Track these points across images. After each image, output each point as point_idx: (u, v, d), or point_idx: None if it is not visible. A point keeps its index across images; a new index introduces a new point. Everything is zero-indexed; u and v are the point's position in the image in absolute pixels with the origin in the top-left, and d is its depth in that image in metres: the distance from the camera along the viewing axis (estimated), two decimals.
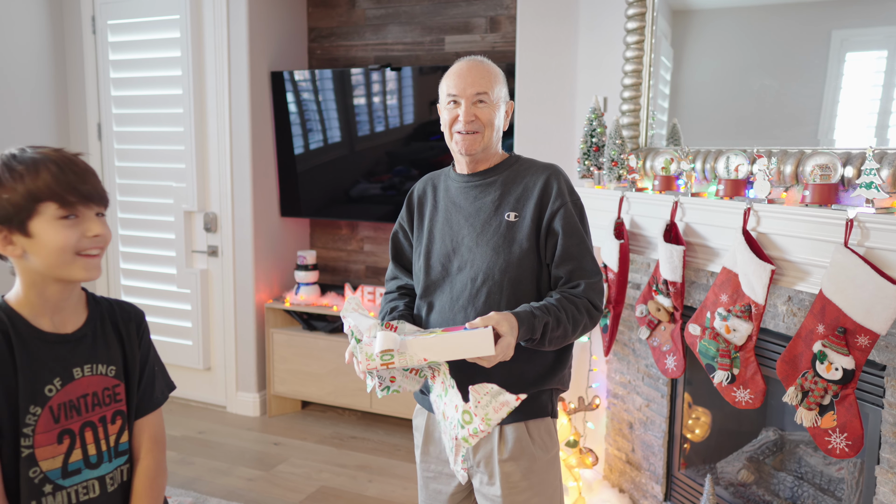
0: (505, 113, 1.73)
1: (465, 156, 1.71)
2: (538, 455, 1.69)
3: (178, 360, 4.07)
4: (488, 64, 1.70)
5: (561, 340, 1.61)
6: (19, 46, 3.82)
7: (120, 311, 1.38)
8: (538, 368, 1.68)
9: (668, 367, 2.42)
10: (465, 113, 1.65)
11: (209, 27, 3.73)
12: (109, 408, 1.32)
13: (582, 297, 1.63)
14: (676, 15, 2.70)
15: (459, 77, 1.66)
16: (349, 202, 3.86)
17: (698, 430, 2.79)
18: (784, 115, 2.31)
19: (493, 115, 1.68)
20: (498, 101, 1.69)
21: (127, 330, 1.37)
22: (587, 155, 2.74)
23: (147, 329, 1.42)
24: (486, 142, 1.69)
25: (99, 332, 1.33)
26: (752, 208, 2.02)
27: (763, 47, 2.39)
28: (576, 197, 1.70)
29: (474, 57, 1.71)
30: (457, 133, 1.68)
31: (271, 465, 3.38)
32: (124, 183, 4.06)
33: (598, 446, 3.04)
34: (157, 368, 1.44)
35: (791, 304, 2.04)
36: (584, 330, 1.64)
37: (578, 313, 1.61)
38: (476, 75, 1.66)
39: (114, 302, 1.39)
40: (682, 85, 2.67)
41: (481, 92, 1.65)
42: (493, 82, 1.67)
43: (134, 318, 1.39)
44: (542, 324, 1.54)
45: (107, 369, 1.32)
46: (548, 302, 1.60)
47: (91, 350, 1.31)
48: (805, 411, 1.84)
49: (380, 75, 3.63)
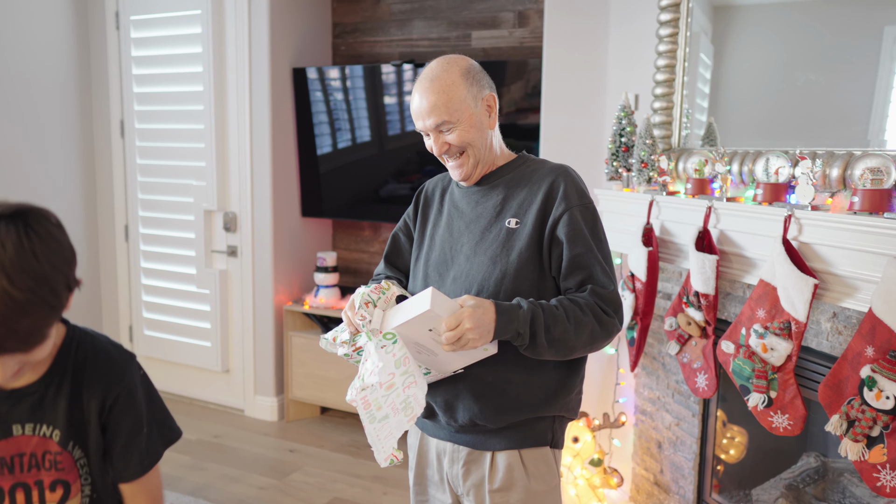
0: (487, 109, 1.54)
1: (463, 181, 1.58)
2: (533, 487, 1.53)
3: (196, 362, 4.01)
4: (440, 77, 1.49)
5: (563, 346, 1.41)
6: (45, 43, 3.80)
7: (90, 371, 1.22)
8: (537, 392, 1.51)
9: (698, 385, 2.24)
10: (437, 145, 1.52)
11: (230, 22, 3.65)
12: (49, 474, 1.19)
13: (587, 299, 1.44)
14: (717, 10, 2.53)
15: (414, 111, 1.52)
16: (377, 202, 3.74)
17: (733, 450, 2.61)
18: (831, 113, 2.11)
19: (468, 131, 1.51)
20: (463, 115, 1.50)
21: (89, 395, 1.22)
22: (615, 156, 2.57)
23: (127, 394, 1.25)
24: (477, 157, 1.54)
25: (52, 391, 1.19)
26: (794, 215, 1.84)
27: (808, 42, 2.20)
28: (586, 201, 1.52)
29: (426, 73, 1.52)
30: (442, 159, 1.57)
31: (285, 473, 3.28)
32: (145, 181, 4.00)
33: (625, 466, 2.86)
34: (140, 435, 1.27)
35: (836, 321, 1.85)
36: (593, 336, 1.43)
37: (583, 315, 1.41)
38: (428, 105, 1.48)
39: (91, 357, 1.23)
40: (723, 82, 2.49)
41: (439, 122, 1.49)
42: (448, 102, 1.48)
43: (104, 384, 1.23)
44: (528, 316, 1.37)
45: (51, 432, 1.19)
46: (546, 301, 1.44)
47: (36, 409, 1.18)
48: (850, 443, 1.65)
49: (411, 72, 3.50)
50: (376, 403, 1.39)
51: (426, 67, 1.53)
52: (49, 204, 4.00)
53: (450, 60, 1.52)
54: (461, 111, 1.49)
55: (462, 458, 1.57)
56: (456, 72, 1.50)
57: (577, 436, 2.75)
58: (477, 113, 1.52)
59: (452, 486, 1.62)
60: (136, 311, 4.18)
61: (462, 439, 1.56)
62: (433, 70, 1.51)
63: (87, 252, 4.16)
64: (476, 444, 1.55)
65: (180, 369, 4.13)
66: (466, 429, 1.54)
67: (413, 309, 1.37)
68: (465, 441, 1.56)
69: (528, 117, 3.28)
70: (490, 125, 1.55)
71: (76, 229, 4.07)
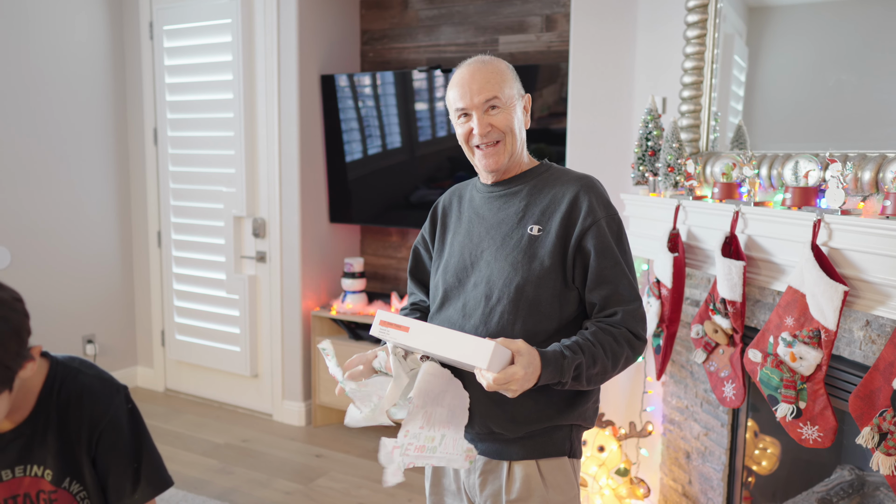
0: (524, 109, 1.56)
1: (490, 172, 1.55)
2: (551, 497, 1.50)
3: (226, 367, 4.05)
4: (492, 62, 1.51)
5: (600, 378, 1.44)
6: (81, 53, 3.89)
7: (75, 409, 1.23)
8: (554, 400, 1.49)
9: (726, 395, 2.19)
10: (480, 125, 1.49)
11: (260, 31, 3.70)
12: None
13: (620, 327, 1.44)
14: (752, 12, 2.48)
15: (463, 86, 1.49)
16: (407, 208, 3.73)
17: (765, 461, 2.53)
18: (863, 114, 2.04)
19: (511, 118, 1.50)
20: (512, 101, 1.51)
21: (76, 434, 1.22)
22: (642, 160, 2.53)
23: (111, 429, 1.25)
24: (511, 149, 1.52)
25: (39, 432, 1.20)
26: (823, 220, 1.78)
27: (840, 42, 2.14)
28: (612, 212, 1.50)
29: (475, 58, 1.54)
30: (476, 148, 1.52)
31: (311, 478, 3.28)
32: (177, 188, 4.07)
33: (653, 476, 2.80)
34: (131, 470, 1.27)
35: (870, 329, 1.78)
36: (626, 363, 1.46)
37: (618, 346, 1.43)
38: (481, 80, 1.48)
39: (74, 398, 1.24)
40: (757, 84, 2.43)
41: (490, 98, 1.47)
42: (501, 82, 1.49)
43: (88, 421, 1.23)
44: (573, 365, 1.36)
45: (42, 472, 1.20)
46: (581, 337, 1.42)
47: (25, 452, 1.19)
48: (883, 456, 1.59)
49: (442, 78, 3.50)
50: (427, 439, 1.40)
51: (467, 61, 1.54)
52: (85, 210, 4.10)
53: (493, 56, 1.55)
54: (510, 96, 1.51)
55: (479, 468, 1.55)
56: (504, 63, 1.54)
57: (602, 445, 2.70)
58: (520, 104, 1.54)
59: (469, 495, 1.60)
60: (168, 316, 4.24)
61: (479, 448, 1.54)
62: (481, 58, 1.53)
63: (122, 258, 4.24)
64: (493, 454, 1.53)
65: (210, 374, 4.18)
66: (483, 437, 1.52)
67: (464, 354, 1.30)
68: (482, 450, 1.54)
69: (562, 122, 3.25)
70: (525, 124, 1.57)
71: (111, 235, 4.16)
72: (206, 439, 3.71)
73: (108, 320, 4.21)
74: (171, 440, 3.66)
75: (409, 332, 1.36)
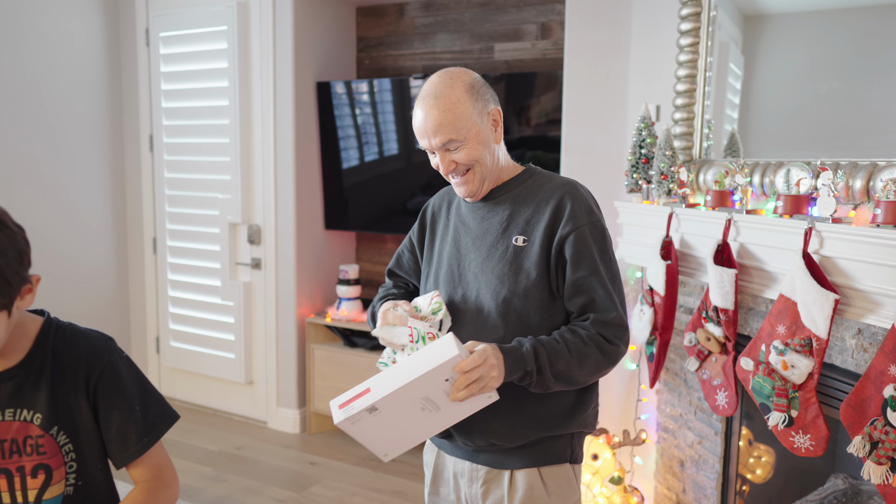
0: (492, 124, 1.50)
1: (468, 197, 1.54)
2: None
3: (220, 374, 4.04)
4: (443, 96, 1.43)
5: (566, 378, 1.40)
6: (77, 60, 3.89)
7: (70, 354, 1.24)
8: (554, 410, 1.48)
9: (718, 403, 2.18)
10: (443, 163, 1.47)
11: (255, 38, 3.70)
12: (31, 459, 1.20)
13: (589, 329, 1.41)
14: (748, 20, 2.48)
15: (418, 129, 1.46)
16: (404, 215, 3.73)
17: (759, 470, 2.53)
18: (855, 123, 2.05)
19: (474, 149, 1.46)
20: (472, 131, 1.45)
21: (72, 377, 1.23)
22: (635, 167, 2.53)
23: (111, 371, 1.26)
24: (483, 174, 1.50)
25: (33, 375, 1.21)
26: (815, 228, 1.78)
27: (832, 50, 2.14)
28: (594, 219, 1.47)
29: (429, 89, 1.45)
30: (447, 176, 1.52)
31: (304, 486, 3.27)
32: (173, 194, 4.06)
33: (647, 484, 2.79)
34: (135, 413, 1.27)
35: (861, 337, 1.78)
36: (597, 367, 1.42)
37: (584, 346, 1.39)
38: (433, 123, 1.43)
39: (71, 340, 1.25)
40: (752, 92, 2.44)
41: (446, 141, 1.44)
42: (454, 120, 1.42)
43: (86, 362, 1.24)
44: (532, 354, 1.35)
45: (32, 416, 1.20)
46: (545, 336, 1.41)
47: (16, 394, 1.20)
48: (874, 465, 1.58)
49: None
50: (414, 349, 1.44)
51: (428, 83, 1.47)
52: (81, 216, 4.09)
53: (452, 75, 1.46)
54: (468, 129, 1.44)
55: (481, 478, 1.54)
56: (460, 88, 1.44)
57: (596, 453, 2.69)
58: (483, 129, 1.47)
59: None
60: (163, 322, 4.23)
61: (481, 458, 1.54)
62: (436, 86, 1.45)
63: (117, 264, 4.23)
64: (495, 463, 1.52)
65: (204, 380, 4.16)
66: (484, 448, 1.52)
67: (436, 356, 1.29)
68: (484, 460, 1.53)
69: (559, 129, 3.25)
70: (496, 139, 1.51)
71: (106, 241, 4.15)
72: (200, 446, 3.69)
73: (103, 326, 4.17)
74: (164, 447, 3.64)
75: (371, 389, 1.31)
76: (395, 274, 1.75)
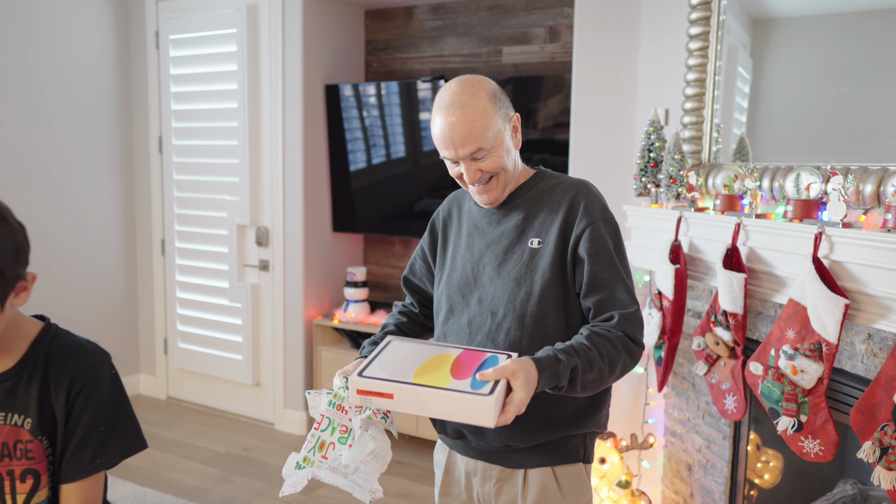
0: (513, 130, 1.51)
1: (488, 205, 1.54)
2: (567, 503, 1.51)
3: (228, 375, 4.05)
4: (470, 105, 1.41)
5: (597, 384, 1.39)
6: (87, 62, 3.92)
7: (61, 361, 1.24)
8: (568, 412, 1.48)
9: (727, 407, 2.17)
10: (469, 172, 1.46)
11: (265, 40, 3.72)
12: (20, 463, 1.21)
13: (616, 331, 1.40)
14: (756, 24, 2.48)
15: (444, 139, 1.44)
16: (411, 217, 3.74)
17: (768, 475, 2.52)
18: (865, 127, 2.04)
19: (500, 157, 1.46)
20: (498, 139, 1.44)
21: (57, 384, 1.23)
22: (644, 171, 2.53)
23: (93, 386, 1.25)
24: (505, 181, 1.50)
25: (25, 380, 1.22)
26: (824, 233, 1.77)
27: (842, 54, 2.14)
28: (608, 216, 1.48)
29: (452, 98, 1.43)
30: (470, 185, 1.50)
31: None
32: (182, 196, 4.08)
33: (655, 488, 2.79)
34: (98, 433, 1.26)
35: (871, 342, 1.77)
36: (623, 370, 1.42)
37: (614, 350, 1.38)
38: (462, 133, 1.40)
39: (64, 348, 1.26)
40: (761, 96, 2.43)
41: (475, 150, 1.43)
42: (483, 128, 1.41)
43: (73, 372, 1.24)
44: (568, 369, 1.32)
45: (22, 421, 1.21)
46: (576, 341, 1.38)
47: (9, 397, 1.20)
48: (884, 471, 1.58)
49: None
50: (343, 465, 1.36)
51: (448, 92, 1.45)
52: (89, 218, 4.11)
53: (474, 83, 1.45)
54: (495, 137, 1.44)
55: (494, 477, 1.55)
56: (484, 96, 1.43)
57: (604, 457, 2.69)
58: (507, 133, 1.48)
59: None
60: (171, 324, 4.25)
61: (494, 458, 1.54)
62: (459, 96, 1.43)
63: (125, 265, 4.25)
64: (508, 463, 1.53)
65: (212, 382, 4.18)
66: (498, 449, 1.52)
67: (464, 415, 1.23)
68: (497, 459, 1.54)
69: (566, 132, 3.25)
70: (517, 145, 1.52)
71: (115, 243, 4.17)
72: (208, 448, 3.70)
73: (112, 328, 4.22)
74: (172, 448, 3.66)
75: (395, 398, 1.26)
76: (410, 281, 1.75)
